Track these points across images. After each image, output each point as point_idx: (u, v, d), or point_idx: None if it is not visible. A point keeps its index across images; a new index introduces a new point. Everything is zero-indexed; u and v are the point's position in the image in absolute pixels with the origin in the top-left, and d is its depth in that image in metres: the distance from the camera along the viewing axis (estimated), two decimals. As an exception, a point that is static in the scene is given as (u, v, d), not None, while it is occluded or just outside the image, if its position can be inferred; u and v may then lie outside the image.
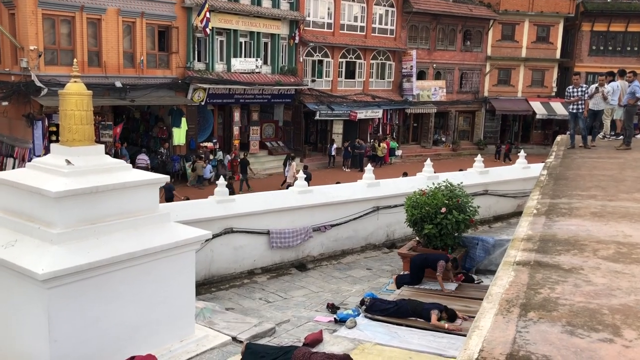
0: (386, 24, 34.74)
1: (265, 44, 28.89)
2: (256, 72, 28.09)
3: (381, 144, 32.75)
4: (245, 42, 27.98)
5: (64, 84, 9.85)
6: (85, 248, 6.96)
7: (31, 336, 6.88)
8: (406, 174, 19.69)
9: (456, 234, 12.06)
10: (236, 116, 28.30)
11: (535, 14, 38.79)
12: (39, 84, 20.61)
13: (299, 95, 30.38)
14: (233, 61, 27.21)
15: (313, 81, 31.19)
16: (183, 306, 8.20)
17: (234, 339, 8.56)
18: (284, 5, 29.24)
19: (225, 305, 10.46)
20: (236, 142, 28.11)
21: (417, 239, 12.67)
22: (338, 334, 8.67)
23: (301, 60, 30.59)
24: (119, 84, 22.82)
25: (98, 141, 9.87)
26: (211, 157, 25.99)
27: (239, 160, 25.58)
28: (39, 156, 16.42)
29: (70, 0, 21.53)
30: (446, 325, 8.71)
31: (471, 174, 17.23)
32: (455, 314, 8.99)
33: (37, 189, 7.10)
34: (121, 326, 7.35)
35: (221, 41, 27.08)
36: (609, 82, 13.37)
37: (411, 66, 35.12)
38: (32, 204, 7.27)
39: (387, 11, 34.61)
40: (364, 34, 33.58)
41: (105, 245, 7.14)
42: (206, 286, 11.52)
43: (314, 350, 7.55)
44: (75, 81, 7.76)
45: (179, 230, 8.22)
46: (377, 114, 34.22)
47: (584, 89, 12.88)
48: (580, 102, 12.72)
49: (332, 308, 10.23)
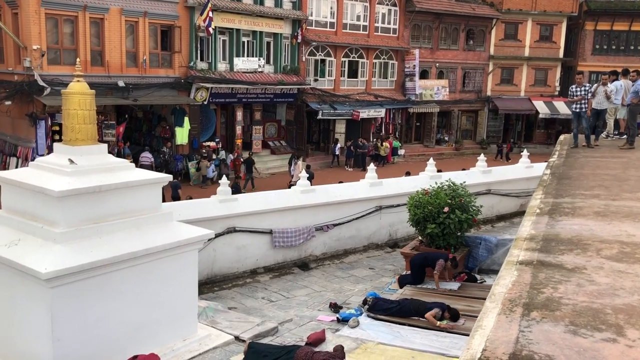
0: (389, 23, 34.69)
1: (268, 43, 28.88)
2: (259, 72, 28.09)
3: (384, 143, 32.70)
4: (247, 41, 27.98)
5: (66, 83, 9.87)
6: (88, 247, 6.97)
7: (34, 335, 6.90)
8: (409, 174, 19.65)
9: (459, 233, 12.06)
10: (239, 115, 28.31)
11: (538, 13, 38.70)
12: (41, 83, 20.64)
13: (301, 95, 30.36)
14: (236, 60, 27.22)
15: (315, 80, 31.16)
16: (186, 305, 8.21)
17: (236, 338, 8.57)
18: (286, 4, 29.22)
19: (228, 304, 10.47)
20: (239, 142, 28.11)
21: (419, 238, 12.67)
22: (341, 334, 8.68)
23: (304, 59, 30.56)
24: (121, 83, 22.83)
25: (101, 140, 9.91)
26: (214, 156, 26.00)
27: (245, 160, 25.57)
28: (42, 155, 16.46)
29: (73, 0, 21.56)
30: (437, 323, 8.71)
31: (474, 174, 17.22)
32: (458, 314, 8.99)
33: (40, 188, 7.12)
34: (124, 325, 7.36)
35: (224, 40, 27.07)
36: (613, 81, 13.34)
37: (414, 65, 35.07)
38: (35, 203, 7.29)
39: (389, 10, 34.57)
40: (366, 33, 33.53)
41: (108, 245, 7.15)
42: (209, 285, 11.54)
43: (316, 349, 7.56)
44: (78, 80, 7.79)
45: (182, 229, 8.24)
46: (380, 113, 34.18)
47: (587, 88, 12.85)
48: (583, 102, 12.69)
49: (335, 307, 10.24)
